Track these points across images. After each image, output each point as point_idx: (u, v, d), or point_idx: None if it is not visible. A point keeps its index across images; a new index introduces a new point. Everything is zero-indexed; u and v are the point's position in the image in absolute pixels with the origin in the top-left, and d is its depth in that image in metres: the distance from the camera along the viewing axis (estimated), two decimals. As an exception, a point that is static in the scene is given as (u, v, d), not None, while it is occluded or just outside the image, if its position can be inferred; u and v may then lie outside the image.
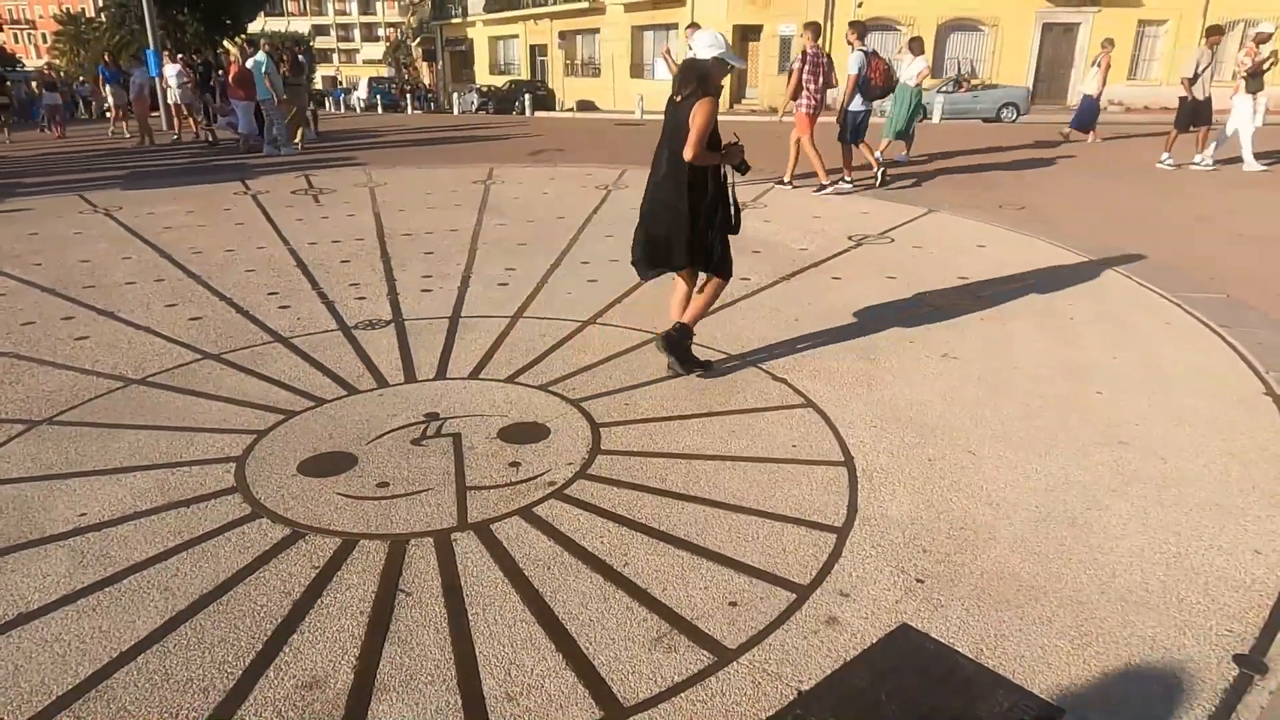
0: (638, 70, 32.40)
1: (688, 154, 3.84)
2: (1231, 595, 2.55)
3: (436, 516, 3.00)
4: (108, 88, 18.13)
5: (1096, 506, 3.05)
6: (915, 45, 11.84)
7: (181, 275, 6.29)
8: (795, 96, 9.58)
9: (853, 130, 9.78)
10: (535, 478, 3.27)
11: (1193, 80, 10.97)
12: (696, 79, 3.91)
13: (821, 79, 9.41)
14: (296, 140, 14.02)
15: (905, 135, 11.77)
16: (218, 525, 2.97)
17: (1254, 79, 10.89)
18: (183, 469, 3.38)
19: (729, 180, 4.14)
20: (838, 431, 3.65)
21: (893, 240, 7.23)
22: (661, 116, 4.22)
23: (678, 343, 4.24)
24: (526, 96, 29.55)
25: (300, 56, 15.30)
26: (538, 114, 27.96)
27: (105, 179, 11.14)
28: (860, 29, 9.59)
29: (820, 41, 9.52)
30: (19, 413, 3.93)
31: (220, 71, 16.86)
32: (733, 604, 2.52)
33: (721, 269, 4.21)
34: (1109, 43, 14.62)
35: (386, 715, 2.12)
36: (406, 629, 2.43)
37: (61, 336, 4.97)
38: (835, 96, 10.48)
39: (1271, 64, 10.91)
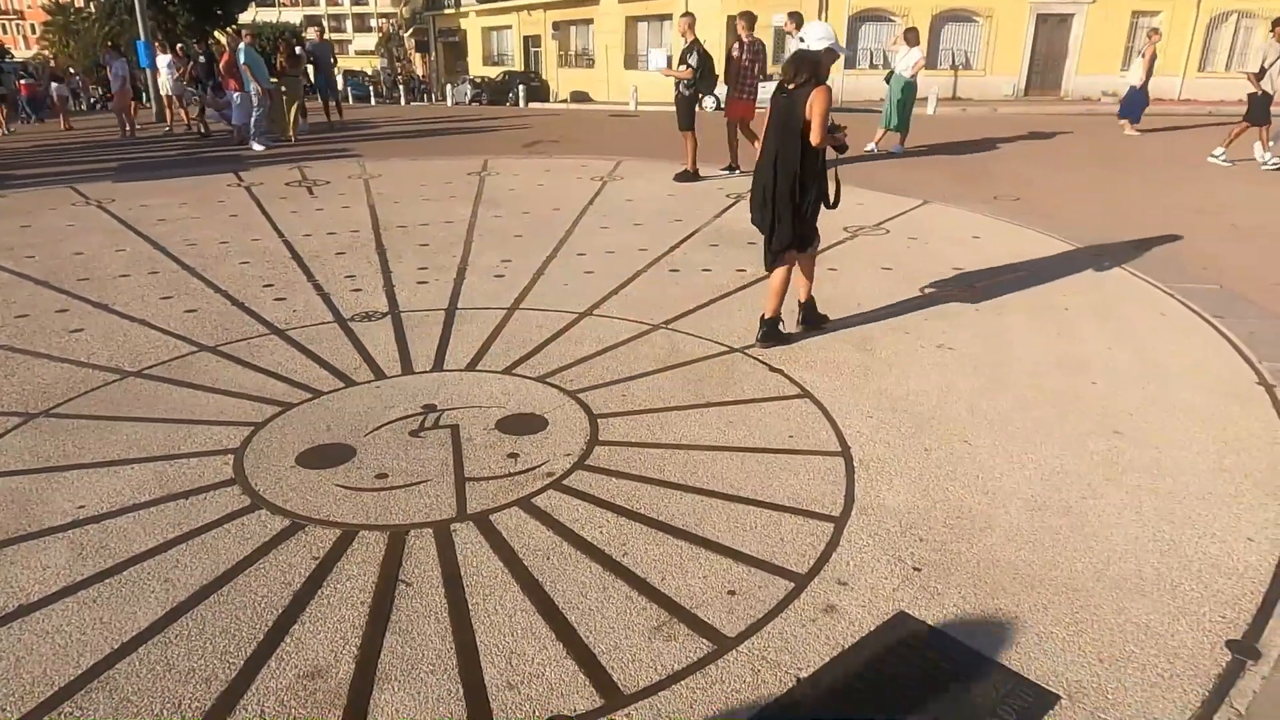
0: (632, 61, 32.28)
1: (814, 139, 4.17)
2: (1225, 582, 2.58)
3: (436, 507, 3.01)
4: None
5: (1091, 495, 3.08)
6: (910, 36, 11.84)
7: (176, 267, 6.26)
8: (732, 83, 9.73)
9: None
10: (534, 468, 3.28)
11: (1260, 75, 10.77)
12: (810, 68, 4.19)
13: (758, 67, 9.69)
14: (290, 133, 13.94)
15: (901, 128, 11.82)
16: (217, 517, 2.97)
17: None
18: (181, 461, 3.38)
19: (829, 161, 4.46)
20: (834, 422, 3.67)
21: (888, 231, 7.24)
22: (656, 107, 4.28)
23: (815, 315, 4.79)
24: (520, 88, 29.42)
25: (298, 48, 15.16)
26: (532, 105, 27.86)
27: (97, 171, 11.07)
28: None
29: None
30: (15, 405, 3.92)
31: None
32: (731, 593, 2.54)
33: (812, 243, 4.61)
34: (1155, 32, 14.48)
35: (388, 704, 2.13)
36: (407, 619, 2.44)
37: (56, 329, 4.95)
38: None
39: None
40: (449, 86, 33.24)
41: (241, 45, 13.03)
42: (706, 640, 2.35)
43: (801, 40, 4.31)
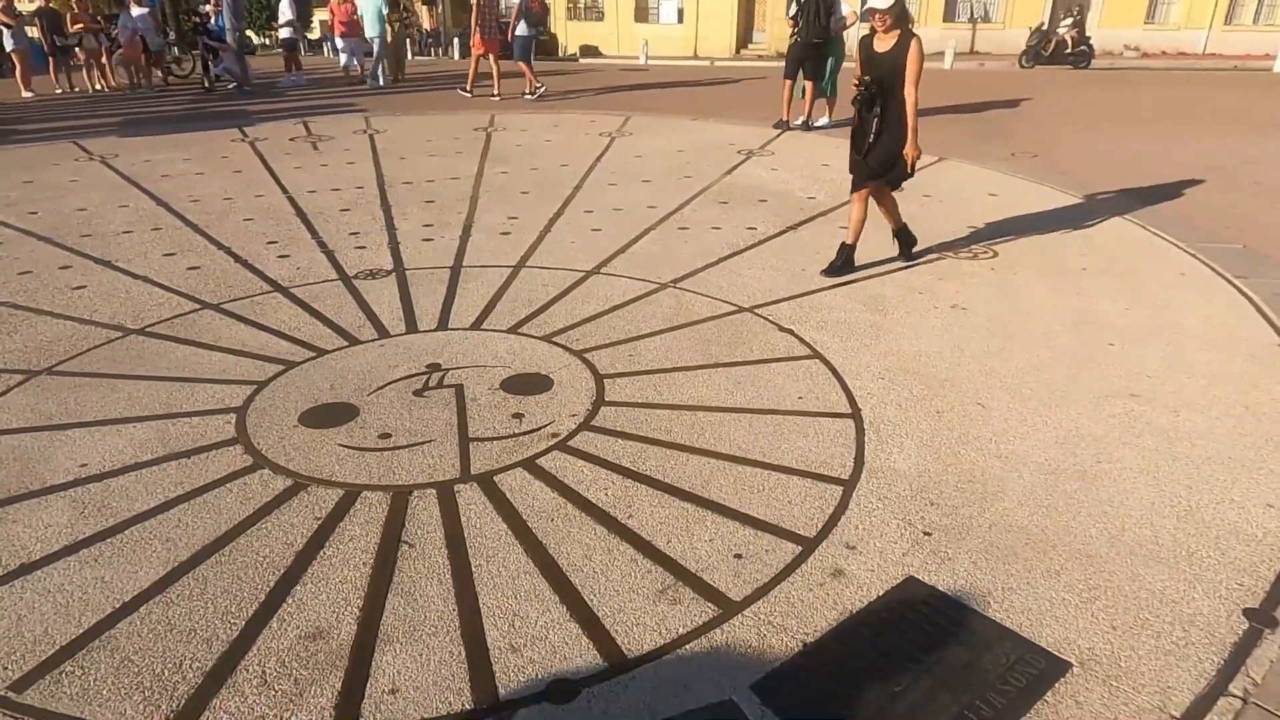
0: (642, 14, 31.61)
1: (910, 92, 4.57)
2: (1242, 549, 2.53)
3: (439, 468, 2.98)
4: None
5: (1107, 459, 3.01)
6: None
7: (179, 224, 6.19)
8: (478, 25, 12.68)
9: (520, 52, 12.73)
10: (538, 429, 3.24)
11: None
12: (897, 18, 4.55)
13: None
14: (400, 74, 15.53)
15: (827, 93, 10.21)
16: (219, 476, 2.95)
17: None
18: (183, 420, 3.35)
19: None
20: (845, 383, 3.60)
21: (902, 189, 7.07)
22: (666, 62, 4.14)
23: (909, 240, 5.24)
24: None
25: None
26: (539, 59, 27.37)
27: (101, 126, 10.95)
28: None
29: None
30: (17, 363, 3.89)
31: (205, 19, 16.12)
32: (738, 556, 2.50)
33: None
34: None
35: (390, 666, 2.12)
36: (410, 580, 2.42)
37: (59, 286, 4.91)
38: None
39: None
40: (456, 40, 32.68)
41: None
42: (712, 604, 2.31)
43: None
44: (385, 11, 14.68)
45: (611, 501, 2.78)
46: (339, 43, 16.56)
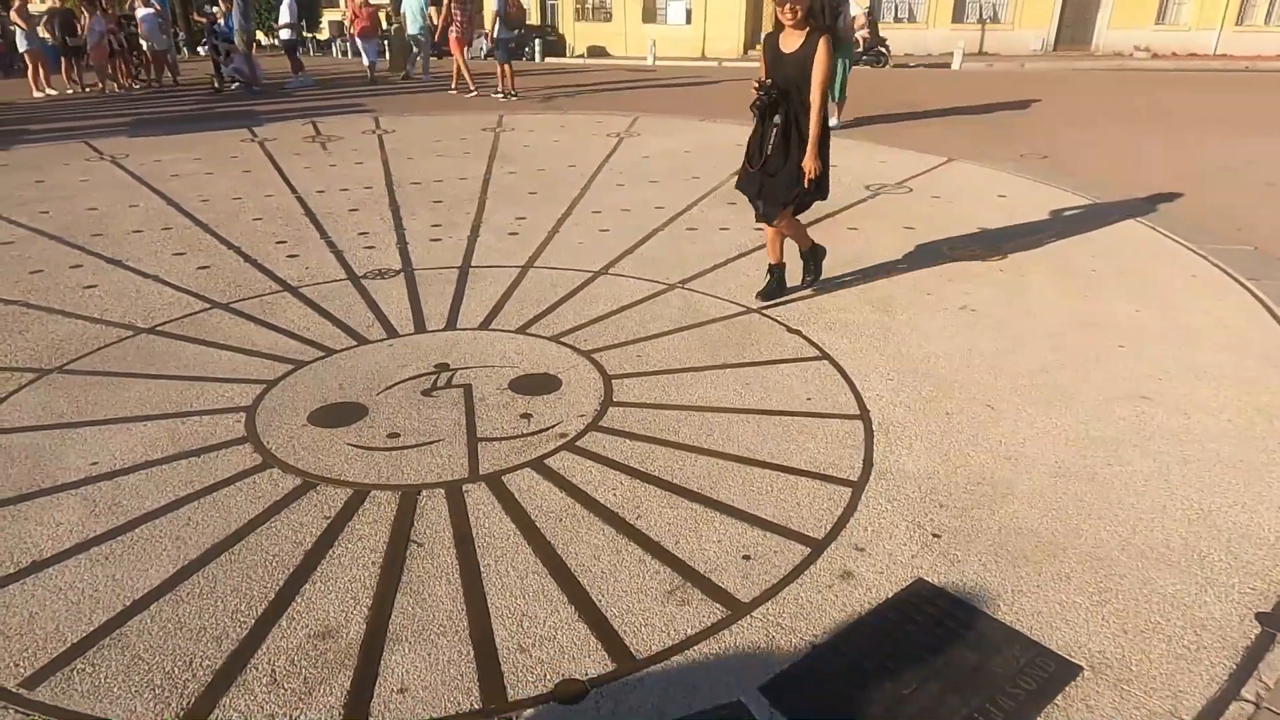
0: (650, 15, 31.64)
1: (815, 97, 4.02)
2: (1254, 552, 2.51)
3: (448, 468, 2.98)
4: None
5: (1117, 462, 3.00)
6: None
7: (189, 223, 6.22)
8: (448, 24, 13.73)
9: (503, 52, 13.13)
10: (547, 429, 3.24)
11: None
12: (809, 11, 3.99)
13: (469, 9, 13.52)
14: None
15: (838, 97, 10.10)
16: (229, 475, 2.96)
17: None
18: (193, 419, 3.36)
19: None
20: (853, 384, 3.59)
21: (911, 190, 7.07)
22: (674, 62, 4.14)
23: (818, 264, 4.71)
24: (536, 42, 28.91)
25: None
26: (547, 60, 27.40)
27: (111, 126, 11.01)
28: None
29: None
30: (29, 361, 3.91)
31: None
32: (746, 557, 2.50)
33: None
34: None
35: (399, 665, 2.12)
36: (418, 580, 2.42)
37: (70, 285, 4.94)
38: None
39: None
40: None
41: None
42: (720, 605, 2.31)
43: None
44: (426, 9, 15.22)
45: (620, 502, 2.78)
46: (359, 43, 17.42)
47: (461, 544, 2.57)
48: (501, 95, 13.23)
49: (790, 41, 4.03)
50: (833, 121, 10.19)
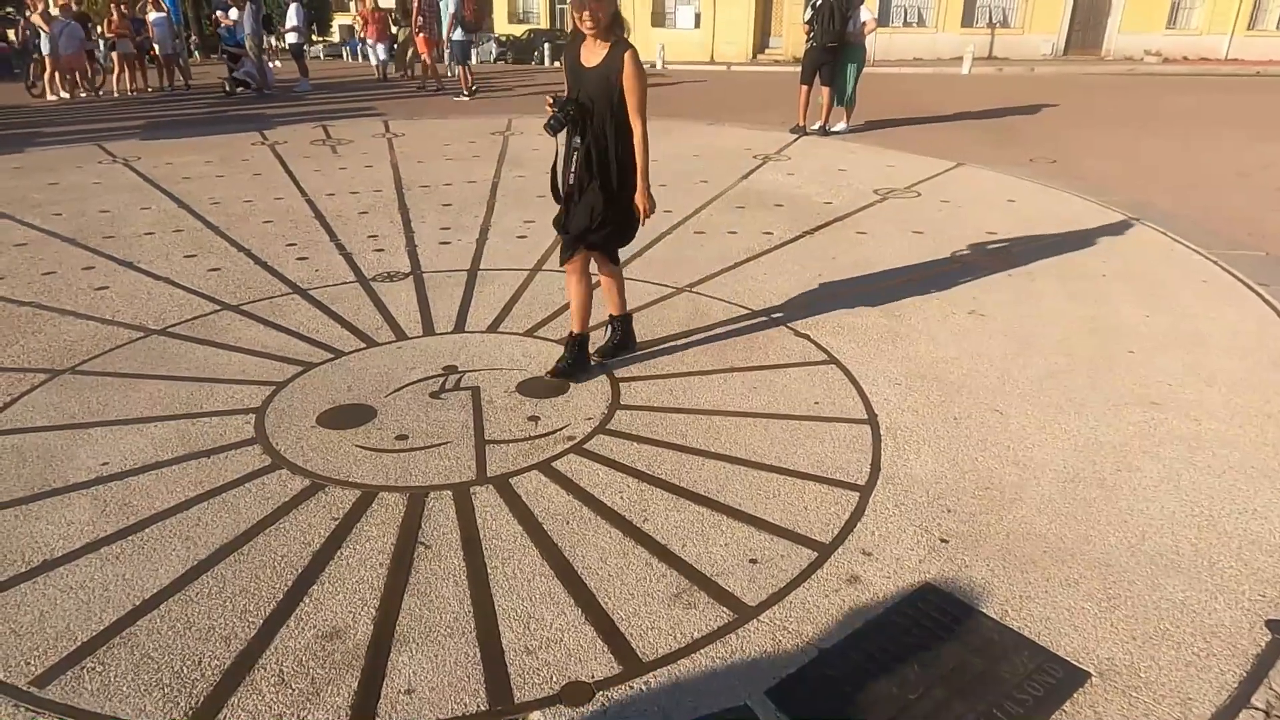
0: (658, 19, 31.68)
1: (638, 124, 3.47)
2: (1265, 559, 2.50)
3: (456, 470, 2.99)
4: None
5: (1127, 468, 2.99)
6: None
7: (200, 226, 6.26)
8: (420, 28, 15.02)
9: (459, 55, 14.21)
10: (554, 432, 3.24)
11: None
12: (611, 20, 3.32)
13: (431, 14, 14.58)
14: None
15: (848, 102, 10.26)
16: (238, 476, 2.97)
17: None
18: (203, 419, 3.38)
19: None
20: (861, 388, 3.59)
21: (919, 194, 7.06)
22: (685, 67, 4.09)
23: (627, 337, 3.93)
24: (546, 46, 28.98)
25: None
26: (557, 63, 27.48)
27: (123, 129, 11.09)
28: None
29: None
30: (41, 362, 3.94)
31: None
32: (753, 561, 2.50)
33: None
34: None
35: (406, 666, 2.13)
36: (426, 581, 2.43)
37: (82, 286, 4.97)
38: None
39: None
40: (473, 45, 32.85)
41: None
42: (727, 609, 2.31)
43: None
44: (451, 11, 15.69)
45: (627, 505, 2.78)
46: (369, 45, 18.69)
47: (469, 546, 2.58)
48: (468, 96, 13.89)
49: (592, 54, 3.40)
50: (841, 125, 10.23)
